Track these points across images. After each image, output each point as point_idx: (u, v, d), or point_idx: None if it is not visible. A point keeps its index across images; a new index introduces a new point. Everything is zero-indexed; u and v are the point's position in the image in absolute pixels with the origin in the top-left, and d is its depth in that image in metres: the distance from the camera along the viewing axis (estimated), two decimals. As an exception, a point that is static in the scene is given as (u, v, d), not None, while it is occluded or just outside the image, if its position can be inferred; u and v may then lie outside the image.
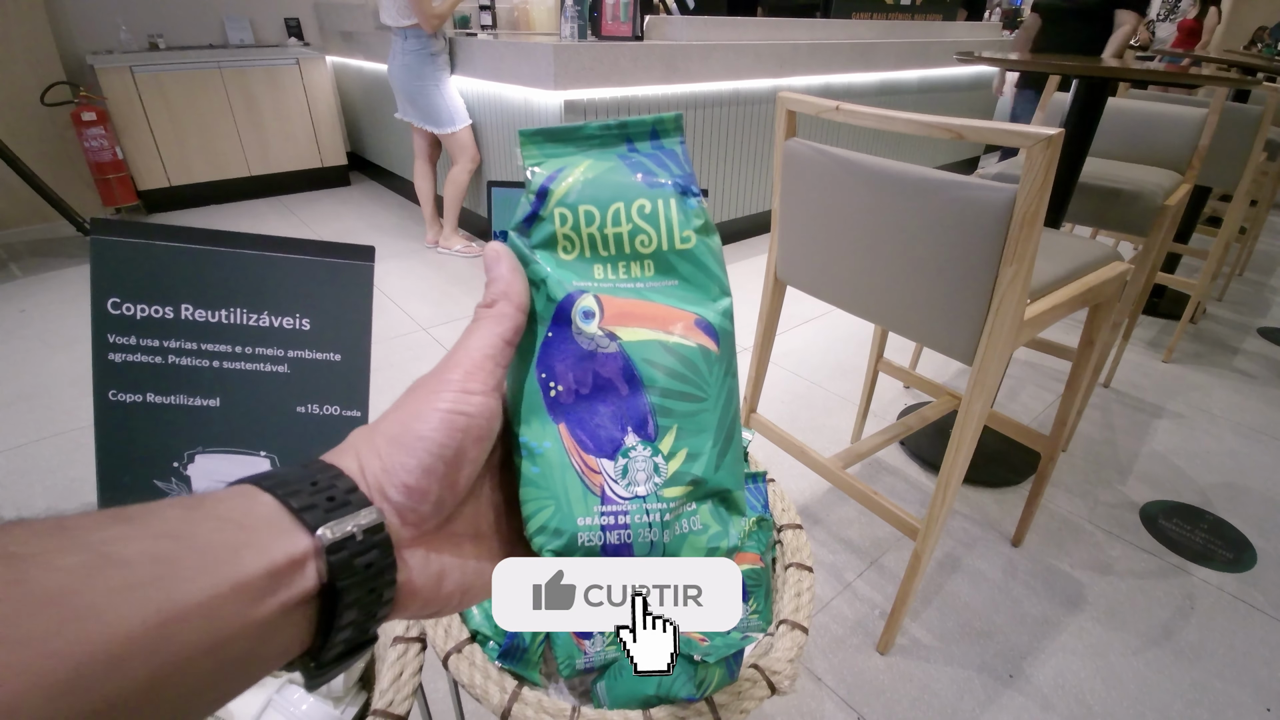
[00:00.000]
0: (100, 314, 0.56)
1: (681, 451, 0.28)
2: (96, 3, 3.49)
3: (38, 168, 2.99)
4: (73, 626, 0.16)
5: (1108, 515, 1.59)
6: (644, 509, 0.27)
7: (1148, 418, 2.00)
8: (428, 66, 2.73)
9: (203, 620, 0.19)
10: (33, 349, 2.20)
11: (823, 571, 1.41)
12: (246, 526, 0.21)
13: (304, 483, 0.23)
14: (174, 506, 0.21)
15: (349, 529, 0.22)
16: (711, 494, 0.28)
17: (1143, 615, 1.33)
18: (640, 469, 0.27)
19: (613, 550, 0.27)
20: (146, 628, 0.17)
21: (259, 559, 0.21)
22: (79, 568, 0.17)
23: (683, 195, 0.29)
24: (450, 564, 0.26)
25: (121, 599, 0.17)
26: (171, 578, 0.19)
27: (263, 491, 0.23)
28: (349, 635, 0.23)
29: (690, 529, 0.28)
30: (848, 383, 2.13)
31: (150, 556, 0.19)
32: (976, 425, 0.98)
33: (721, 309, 0.30)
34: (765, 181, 3.35)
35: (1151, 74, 1.38)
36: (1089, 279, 1.14)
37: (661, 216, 0.29)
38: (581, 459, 0.27)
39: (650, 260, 0.29)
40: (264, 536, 0.21)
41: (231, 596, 0.20)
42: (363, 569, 0.23)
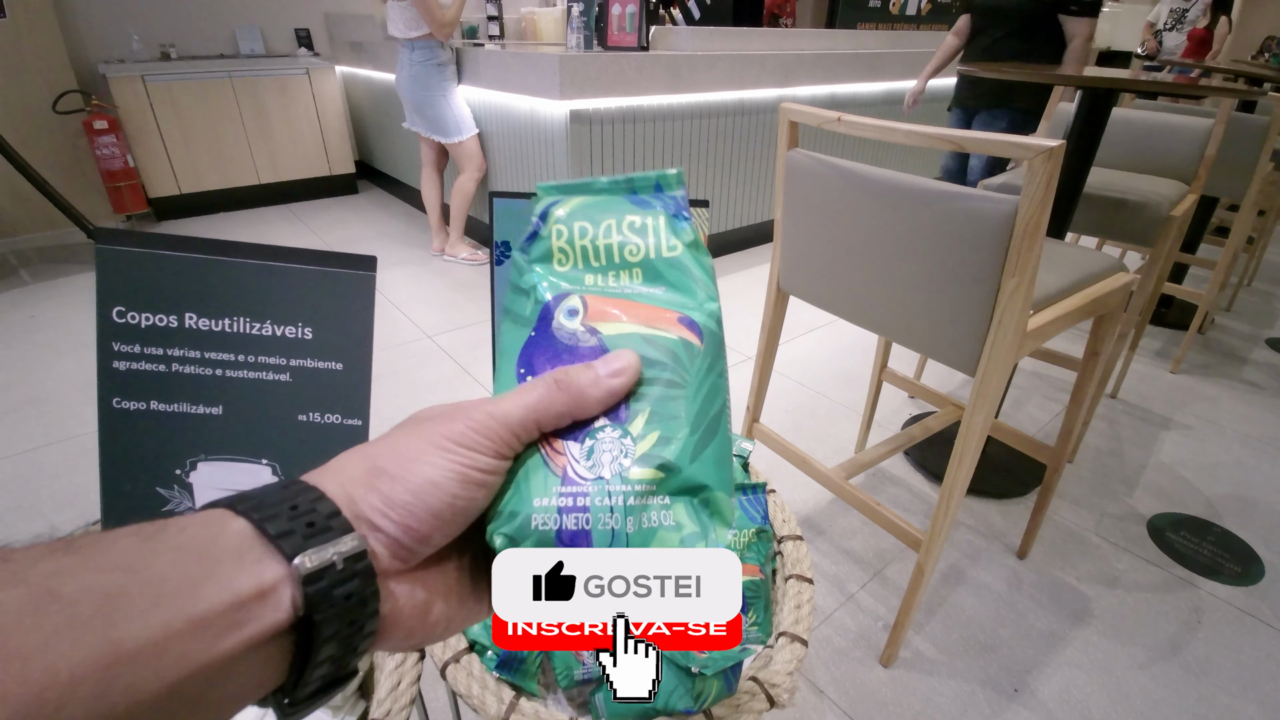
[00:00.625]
0: (105, 322, 0.56)
1: (653, 434, 0.26)
2: (109, 13, 3.54)
3: (49, 175, 3.02)
4: (13, 667, 0.15)
5: (1114, 527, 1.58)
6: (605, 491, 0.25)
7: (1155, 429, 1.99)
8: (435, 77, 2.75)
9: (154, 660, 0.18)
10: (41, 354, 2.22)
11: (825, 583, 1.40)
12: (209, 557, 0.20)
13: (282, 506, 0.22)
14: (129, 536, 0.20)
15: (329, 557, 0.21)
16: (688, 489, 0.26)
17: (1149, 629, 1.31)
18: (607, 450, 0.26)
19: (569, 536, 0.25)
20: (92, 669, 0.16)
21: (220, 592, 0.19)
22: (19, 604, 0.16)
23: (674, 217, 0.30)
24: (437, 594, 0.25)
25: (64, 639, 0.16)
26: (119, 615, 0.17)
27: (235, 516, 0.22)
28: (326, 671, 0.22)
29: (661, 523, 0.25)
30: (851, 392, 2.12)
31: (97, 592, 0.17)
32: (980, 436, 0.98)
33: (708, 310, 0.29)
34: (768, 191, 3.36)
35: (1157, 85, 1.38)
36: (1093, 290, 1.13)
37: (650, 230, 0.30)
38: (549, 444, 0.26)
39: (639, 268, 0.30)
40: (228, 567, 0.20)
41: (187, 634, 0.18)
42: (342, 600, 0.21)
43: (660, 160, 2.84)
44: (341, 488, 0.24)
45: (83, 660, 0.16)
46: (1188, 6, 5.61)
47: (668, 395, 0.27)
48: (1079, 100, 1.49)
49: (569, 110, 2.46)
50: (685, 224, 0.30)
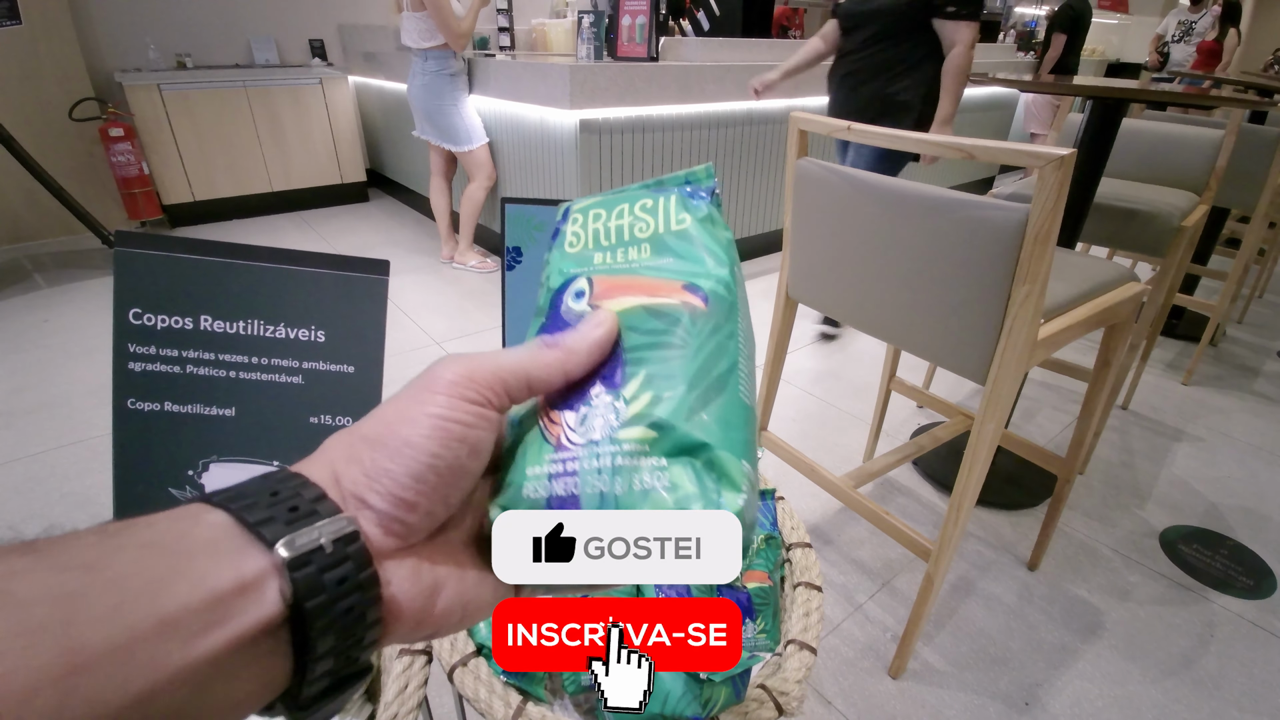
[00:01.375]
0: (122, 324, 0.57)
1: (646, 395, 0.25)
2: (126, 22, 3.59)
3: (65, 181, 3.06)
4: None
5: (1126, 540, 1.57)
6: (594, 453, 0.24)
7: (1167, 441, 1.97)
8: (446, 86, 2.78)
9: (119, 668, 0.16)
10: (54, 358, 2.24)
11: (833, 592, 1.39)
12: (179, 552, 0.18)
13: (262, 494, 0.21)
14: (91, 534, 0.18)
15: (315, 539, 0.20)
16: (686, 449, 0.24)
17: (1161, 643, 1.30)
18: (599, 414, 0.25)
19: (558, 502, 0.24)
20: (47, 679, 0.15)
21: (193, 589, 0.18)
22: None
23: (689, 196, 0.30)
24: (446, 576, 0.23)
25: (16, 646, 0.15)
26: (78, 618, 0.16)
27: (211, 508, 0.20)
28: (330, 666, 0.20)
29: (654, 485, 0.24)
30: (860, 401, 2.11)
31: (53, 594, 0.16)
32: (990, 446, 0.97)
33: (715, 276, 0.28)
34: (776, 200, 3.37)
35: (1166, 95, 1.38)
36: (1104, 299, 1.13)
37: (660, 208, 0.30)
38: (547, 414, 0.26)
39: (647, 243, 0.30)
40: (202, 562, 0.18)
41: (155, 637, 0.17)
42: (335, 585, 0.20)
43: (670, 169, 2.85)
44: (326, 468, 0.22)
45: (39, 669, 0.15)
46: (1195, 19, 5.60)
47: (665, 358, 0.26)
48: (1089, 110, 1.49)
49: (579, 120, 2.47)
50: (700, 202, 0.30)
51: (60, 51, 3.26)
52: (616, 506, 0.24)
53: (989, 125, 4.62)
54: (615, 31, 2.74)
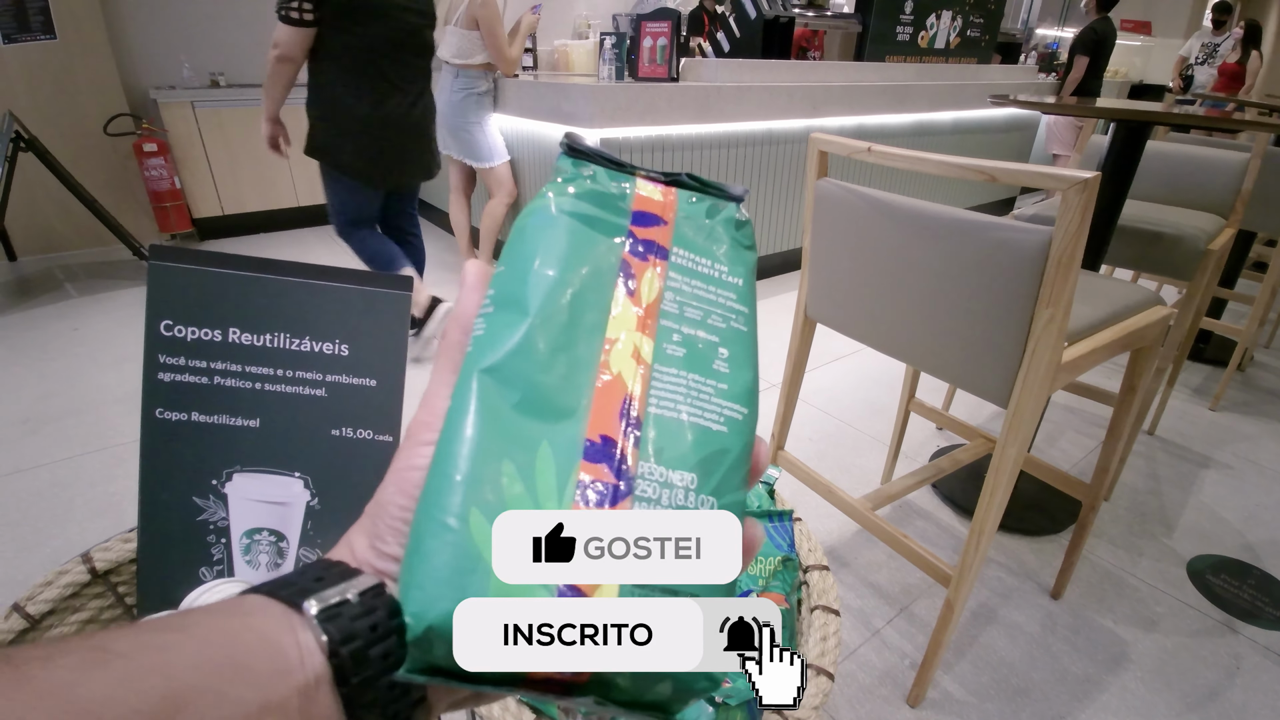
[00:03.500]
0: (153, 335, 0.58)
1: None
2: (162, 41, 3.71)
3: (98, 194, 3.15)
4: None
5: (1153, 569, 1.53)
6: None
7: (1194, 468, 1.93)
8: (472, 104, 2.83)
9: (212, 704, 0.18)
10: (83, 366, 2.29)
11: (850, 617, 1.37)
12: (239, 613, 0.21)
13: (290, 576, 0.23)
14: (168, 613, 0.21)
15: (340, 595, 0.22)
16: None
17: (1188, 675, 1.26)
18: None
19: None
20: (155, 717, 0.17)
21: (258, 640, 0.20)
22: (79, 663, 0.17)
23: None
24: None
25: (125, 689, 0.17)
26: (174, 664, 0.18)
27: (248, 595, 0.22)
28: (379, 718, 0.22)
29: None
30: (878, 422, 2.09)
31: (150, 646, 0.18)
32: (1012, 470, 0.96)
33: None
34: (795, 219, 3.37)
35: (1190, 118, 1.37)
36: (1129, 323, 1.11)
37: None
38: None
39: None
40: (258, 620, 0.21)
41: (236, 678, 0.19)
42: (366, 631, 0.21)
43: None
44: (345, 546, 0.24)
45: (146, 710, 0.17)
46: (1219, 41, 5.57)
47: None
48: (1112, 133, 1.48)
49: (600, 138, 2.50)
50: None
51: (96, 68, 3.37)
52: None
53: (1010, 146, 4.60)
54: (636, 52, 2.77)
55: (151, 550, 0.60)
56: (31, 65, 3.19)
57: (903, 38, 3.78)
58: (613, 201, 0.28)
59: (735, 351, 0.27)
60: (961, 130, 4.08)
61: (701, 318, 0.27)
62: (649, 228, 0.28)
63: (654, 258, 0.27)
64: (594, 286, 0.26)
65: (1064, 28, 8.41)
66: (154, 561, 0.60)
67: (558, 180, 0.28)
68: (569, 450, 0.23)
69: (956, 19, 4.03)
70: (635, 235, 0.28)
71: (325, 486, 0.62)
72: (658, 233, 0.28)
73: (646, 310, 0.26)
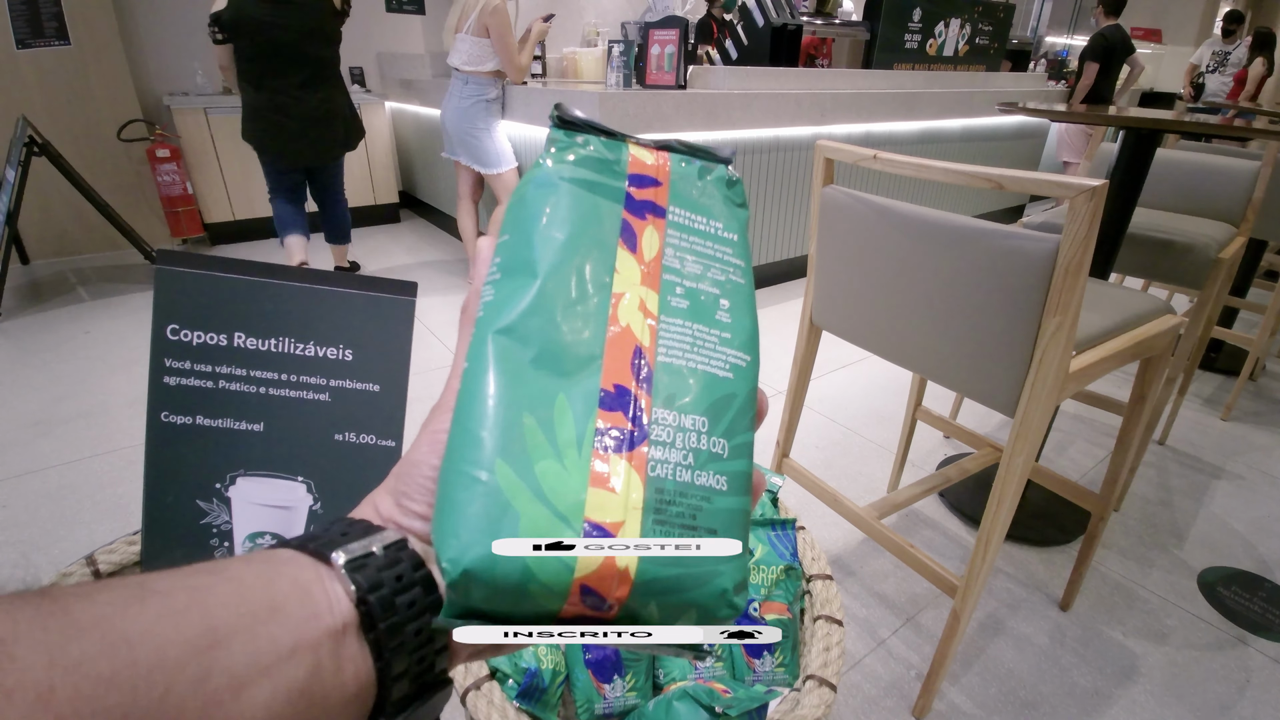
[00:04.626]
0: (159, 339, 0.59)
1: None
2: (175, 48, 3.76)
3: (111, 199, 3.19)
4: (120, 651, 0.16)
5: (1163, 581, 1.51)
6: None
7: (1206, 478, 1.91)
8: (481, 111, 2.85)
9: (248, 642, 0.18)
10: (94, 369, 2.31)
11: (855, 626, 1.36)
12: (272, 562, 0.22)
13: (317, 531, 0.24)
14: (200, 564, 0.21)
15: (366, 548, 0.22)
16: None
17: (1198, 689, 1.24)
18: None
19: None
20: (193, 651, 0.17)
21: (290, 585, 0.21)
22: (119, 599, 0.17)
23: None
24: None
25: (165, 624, 0.17)
26: (211, 603, 0.19)
27: (278, 548, 0.23)
28: (406, 666, 0.22)
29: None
30: (885, 430, 2.08)
31: (188, 587, 0.19)
32: (1019, 480, 0.95)
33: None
34: (802, 227, 3.37)
35: (1199, 126, 1.36)
36: (1139, 332, 1.10)
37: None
38: None
39: None
40: (290, 568, 0.22)
41: (270, 619, 0.19)
42: (393, 581, 0.22)
43: (695, 195, 2.87)
44: (368, 505, 0.26)
45: (184, 643, 0.17)
46: (1230, 50, 5.54)
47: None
48: (1121, 140, 1.47)
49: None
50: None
51: (110, 74, 3.42)
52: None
53: (1019, 154, 4.59)
54: (644, 60, 2.78)
55: (155, 553, 0.60)
56: (46, 71, 3.24)
57: (911, 45, 3.79)
58: (609, 166, 0.29)
59: (735, 302, 0.28)
60: (970, 138, 4.07)
61: (702, 271, 0.28)
62: (645, 189, 0.29)
63: (652, 216, 0.28)
64: (597, 245, 0.26)
65: (1074, 35, 8.39)
66: (158, 564, 0.60)
67: (552, 149, 0.29)
68: (586, 400, 0.24)
69: (965, 27, 4.03)
70: (633, 196, 0.28)
71: (328, 491, 0.62)
72: (654, 193, 0.29)
73: (649, 265, 0.27)
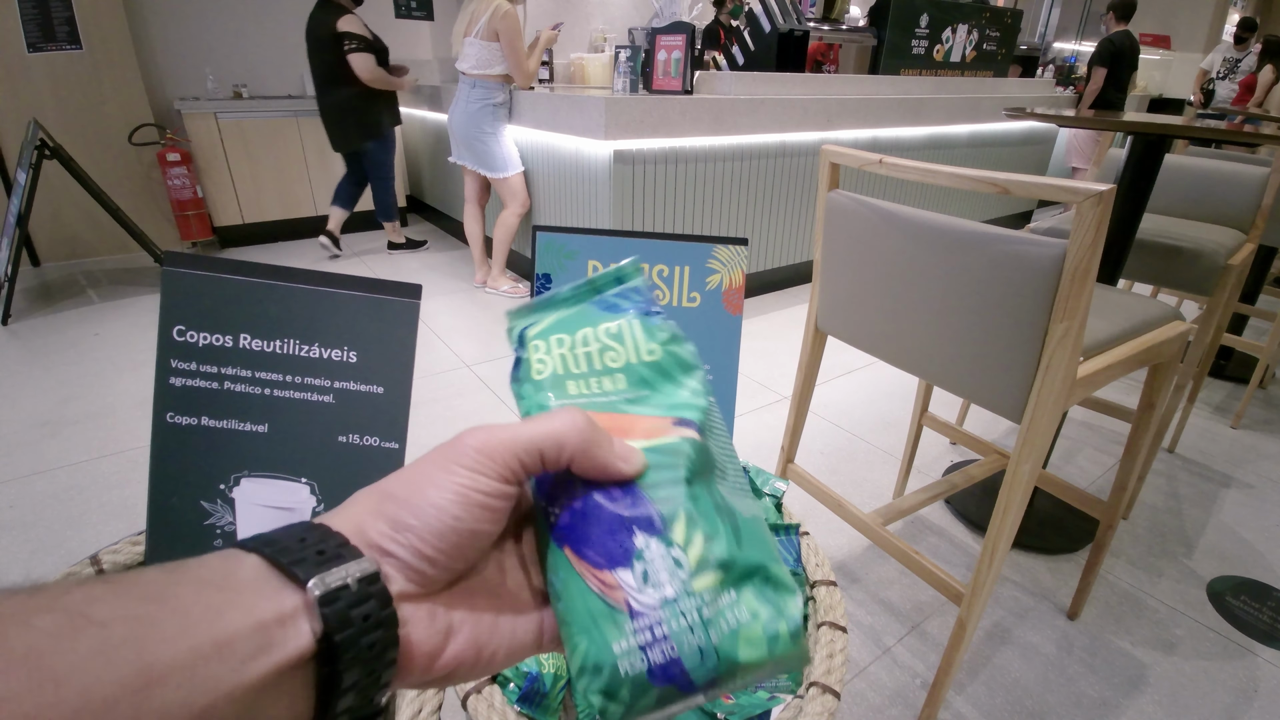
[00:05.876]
0: (166, 340, 0.59)
1: (697, 536, 0.25)
2: (187, 54, 3.80)
3: (122, 202, 3.21)
4: (47, 690, 0.16)
5: (1172, 590, 1.49)
6: (679, 612, 0.24)
7: (1215, 487, 1.89)
8: (489, 115, 2.86)
9: (185, 684, 0.18)
10: (103, 370, 2.33)
11: (860, 633, 1.35)
12: (228, 588, 0.20)
13: (292, 540, 0.23)
14: (155, 570, 0.20)
15: (343, 579, 0.21)
16: (746, 575, 0.26)
17: (1207, 700, 1.22)
18: (661, 568, 0.25)
19: (660, 670, 0.24)
20: (124, 691, 0.17)
21: (244, 618, 0.20)
22: (55, 628, 0.17)
23: (645, 316, 0.31)
24: (461, 620, 0.25)
25: (97, 662, 0.17)
26: (150, 639, 0.18)
27: (246, 553, 0.22)
28: (352, 702, 0.22)
29: (738, 621, 0.24)
30: (890, 436, 2.07)
31: (128, 618, 0.18)
32: (1026, 487, 0.94)
33: (698, 405, 0.29)
34: (807, 232, 3.36)
35: (1207, 131, 1.35)
36: (1147, 338, 1.09)
37: (627, 334, 0.31)
38: (597, 578, 0.25)
39: (621, 374, 0.30)
40: (248, 596, 0.20)
41: (214, 657, 0.18)
42: (360, 620, 0.21)
43: (701, 200, 2.87)
44: (350, 520, 0.24)
45: (116, 682, 0.17)
46: (1241, 56, 5.51)
47: (693, 494, 0.26)
48: (1130, 145, 1.47)
49: (613, 150, 2.52)
50: (657, 319, 0.31)
51: (122, 79, 3.45)
52: (715, 655, 0.24)
53: (1027, 160, 4.57)
54: (651, 65, 2.79)
55: (159, 553, 0.61)
56: (58, 75, 3.28)
57: (918, 51, 3.78)
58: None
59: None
60: (977, 144, 4.06)
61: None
62: None
63: None
64: None
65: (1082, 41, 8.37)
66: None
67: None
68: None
69: (972, 33, 4.02)
70: None
71: (331, 492, 0.62)
72: None
73: None
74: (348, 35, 3.13)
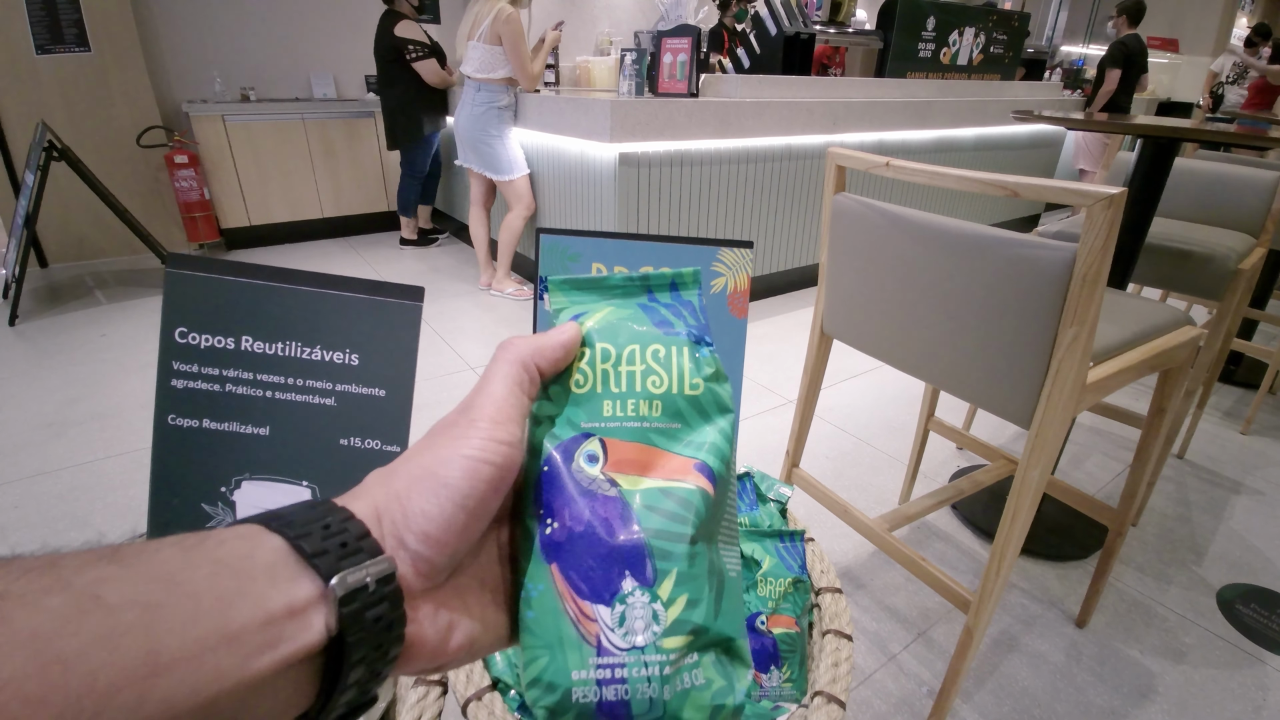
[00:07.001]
0: (168, 342, 0.59)
1: (681, 598, 0.26)
2: (195, 56, 3.82)
3: (130, 204, 3.23)
4: (53, 672, 0.15)
5: (1181, 598, 1.47)
6: (642, 662, 0.25)
7: (1225, 493, 1.87)
8: (494, 118, 2.87)
9: (190, 675, 0.18)
10: (109, 371, 2.34)
11: (865, 641, 1.34)
12: (244, 573, 0.20)
13: (315, 525, 0.22)
14: (171, 546, 0.20)
15: (364, 579, 0.21)
16: (713, 644, 0.27)
17: (1216, 709, 1.21)
18: (639, 617, 0.25)
19: (608, 708, 0.25)
20: (129, 678, 0.16)
21: (254, 610, 0.19)
22: (64, 610, 0.16)
23: (696, 344, 0.31)
24: (458, 617, 0.25)
25: (104, 647, 0.16)
26: (158, 626, 0.17)
27: (270, 533, 0.22)
28: (351, 696, 0.22)
29: (693, 684, 0.26)
30: (897, 441, 2.06)
31: (138, 603, 0.18)
32: (1034, 493, 0.93)
33: (721, 455, 0.29)
34: (813, 235, 3.35)
35: (1217, 134, 1.34)
36: (1157, 343, 1.08)
37: (674, 362, 0.30)
38: (576, 605, 0.26)
39: (659, 401, 0.30)
40: (261, 584, 0.20)
41: (222, 649, 0.18)
42: (372, 622, 0.21)
43: (707, 203, 2.87)
44: (370, 505, 0.24)
45: (121, 669, 0.16)
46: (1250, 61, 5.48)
47: (691, 553, 0.27)
48: (1139, 149, 1.45)
49: (618, 153, 2.51)
50: (707, 352, 0.31)
51: (130, 81, 3.47)
52: (664, 709, 0.25)
53: (1034, 162, 4.55)
54: (657, 68, 2.79)
55: (159, 557, 0.60)
56: (66, 76, 3.30)
57: (924, 54, 3.77)
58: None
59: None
60: (984, 147, 4.04)
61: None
62: None
63: None
64: None
65: (1089, 45, 8.35)
66: (161, 568, 0.60)
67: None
68: None
69: (979, 36, 4.01)
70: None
71: (333, 495, 0.62)
72: None
73: None
74: (408, 43, 3.22)
